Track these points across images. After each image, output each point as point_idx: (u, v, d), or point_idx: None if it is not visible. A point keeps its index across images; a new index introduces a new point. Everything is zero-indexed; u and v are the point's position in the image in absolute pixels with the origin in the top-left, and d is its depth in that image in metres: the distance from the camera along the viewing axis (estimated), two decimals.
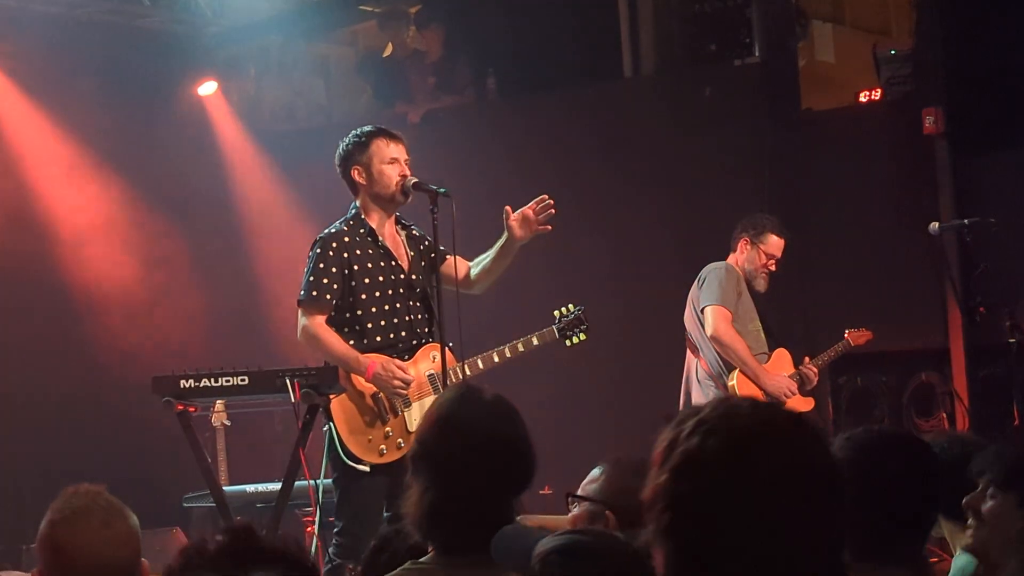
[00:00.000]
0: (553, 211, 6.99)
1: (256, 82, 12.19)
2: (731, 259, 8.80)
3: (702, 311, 8.59)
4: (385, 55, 12.21)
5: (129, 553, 3.63)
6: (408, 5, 12.19)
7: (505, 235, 6.98)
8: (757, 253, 8.75)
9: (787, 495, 2.12)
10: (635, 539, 3.75)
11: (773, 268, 8.80)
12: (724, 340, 8.48)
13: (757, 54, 10.57)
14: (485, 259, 7.06)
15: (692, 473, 2.14)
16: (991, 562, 4.12)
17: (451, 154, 10.22)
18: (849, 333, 9.17)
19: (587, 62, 11.25)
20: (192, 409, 6.50)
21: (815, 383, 8.85)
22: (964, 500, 4.24)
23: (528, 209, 6.97)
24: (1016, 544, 4.04)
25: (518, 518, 3.49)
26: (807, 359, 8.89)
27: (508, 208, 6.98)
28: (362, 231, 6.85)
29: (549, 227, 7.03)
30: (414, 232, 7.04)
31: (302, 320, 6.77)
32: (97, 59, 10.59)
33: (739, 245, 8.78)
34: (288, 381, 6.33)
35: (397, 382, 6.70)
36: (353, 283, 6.76)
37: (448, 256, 6.95)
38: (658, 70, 11.13)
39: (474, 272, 7.05)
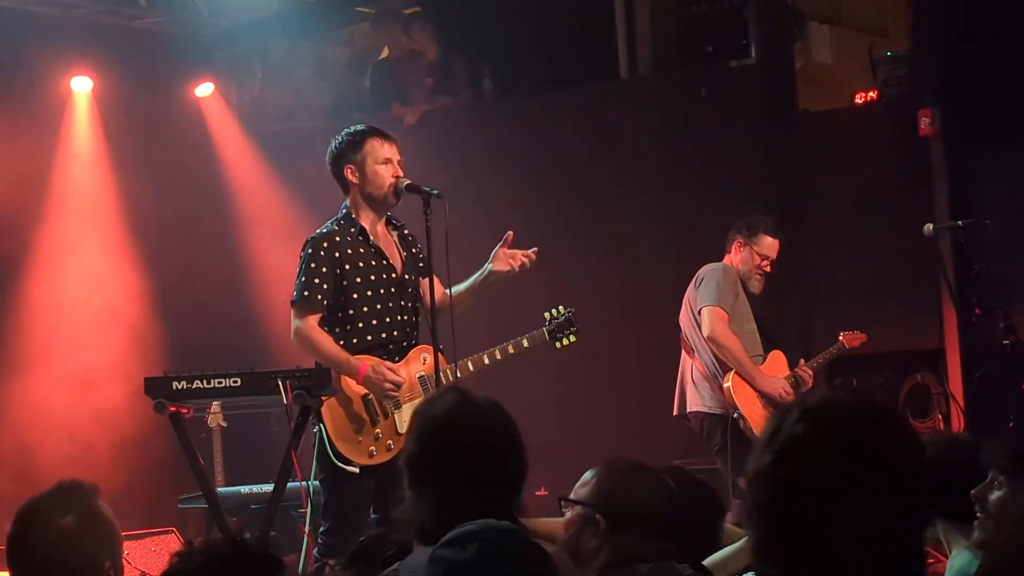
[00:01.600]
0: (528, 261, 7.00)
1: (253, 83, 12.18)
2: (727, 260, 8.79)
3: (699, 312, 8.59)
4: (382, 57, 12.22)
5: (68, 553, 3.58)
6: (403, 6, 12.19)
7: (486, 273, 7.00)
8: (751, 254, 8.75)
9: (881, 486, 2.28)
10: (624, 542, 3.79)
11: (767, 269, 8.79)
12: (721, 341, 8.47)
13: (753, 55, 10.58)
14: (463, 288, 7.03)
15: (794, 457, 2.31)
16: (998, 553, 4.13)
17: (448, 155, 10.23)
18: (844, 335, 9.17)
19: (584, 63, 11.25)
20: (185, 411, 6.49)
21: (811, 385, 8.85)
22: (972, 492, 4.28)
23: (520, 253, 7.00)
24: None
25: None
26: (802, 361, 8.89)
27: (510, 233, 7.00)
28: (353, 230, 6.84)
29: (527, 266, 7.03)
30: (406, 233, 7.03)
31: (295, 322, 6.77)
32: (94, 60, 10.59)
33: (733, 246, 8.78)
34: (280, 383, 6.33)
35: (388, 384, 6.70)
36: (344, 283, 6.75)
37: (433, 275, 6.94)
38: (654, 71, 11.14)
39: (453, 292, 6.96)
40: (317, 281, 6.74)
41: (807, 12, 11.31)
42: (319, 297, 6.73)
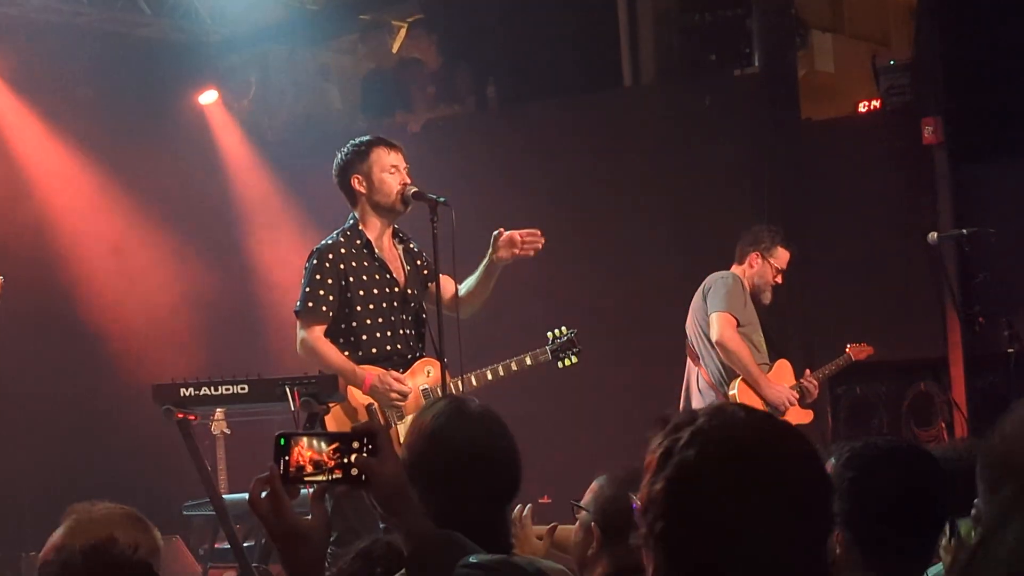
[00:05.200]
0: (540, 245, 6.96)
1: (256, 91, 12.19)
2: (737, 270, 8.79)
3: (708, 317, 8.59)
4: (383, 64, 12.24)
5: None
6: (405, 14, 12.21)
7: (488, 254, 6.98)
8: (768, 267, 8.75)
9: (780, 508, 2.16)
10: (623, 552, 3.79)
11: (780, 281, 8.81)
12: (729, 346, 8.47)
13: (757, 64, 10.60)
14: (471, 281, 7.05)
15: (688, 483, 2.18)
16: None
17: (451, 163, 10.23)
18: (851, 347, 9.15)
19: (587, 71, 11.27)
20: (192, 417, 6.48)
21: (815, 396, 8.86)
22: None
23: (516, 233, 6.97)
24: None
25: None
26: (808, 372, 8.89)
27: (501, 230, 6.98)
28: (358, 242, 6.85)
29: (531, 253, 7.00)
30: (412, 247, 7.04)
31: (300, 332, 6.78)
32: (97, 67, 10.61)
33: (749, 259, 8.76)
34: (288, 390, 6.32)
35: (395, 395, 6.70)
36: (349, 294, 6.76)
37: (440, 276, 6.94)
38: (658, 79, 11.16)
39: (462, 292, 7.01)
40: (322, 292, 6.75)
41: (810, 21, 11.34)
42: (323, 308, 6.74)
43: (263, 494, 2.68)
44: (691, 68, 10.95)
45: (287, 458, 2.70)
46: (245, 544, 7.35)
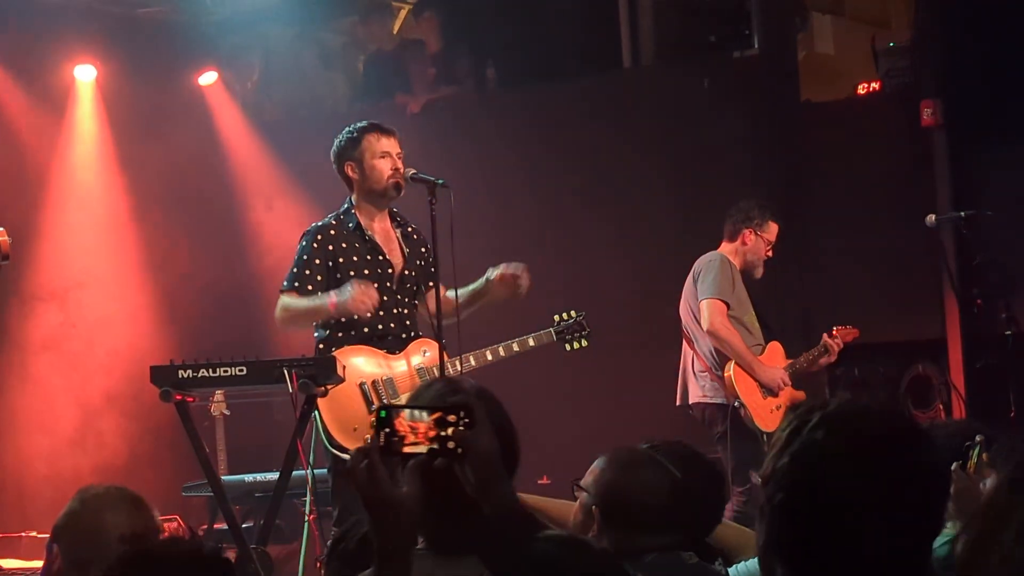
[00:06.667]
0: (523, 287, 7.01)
1: (256, 72, 12.18)
2: (725, 249, 8.80)
3: (699, 304, 8.61)
4: (382, 47, 12.23)
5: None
6: None
7: (483, 285, 7.03)
8: (761, 242, 8.79)
9: (895, 501, 2.30)
10: (624, 533, 3.79)
11: (771, 255, 8.85)
12: (720, 334, 8.50)
13: (756, 46, 10.58)
14: (462, 292, 7.09)
15: (812, 463, 2.32)
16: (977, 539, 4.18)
17: (451, 145, 10.24)
18: (837, 330, 9.03)
19: (586, 52, 11.26)
20: (190, 399, 6.52)
21: (835, 358, 8.90)
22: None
23: (506, 272, 7.03)
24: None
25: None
26: (787, 361, 8.86)
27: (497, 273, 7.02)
28: (350, 225, 6.94)
29: (521, 294, 7.06)
30: (411, 231, 7.09)
31: (278, 304, 6.86)
32: (97, 48, 10.60)
33: (743, 236, 8.77)
34: (286, 371, 6.35)
35: (359, 295, 6.69)
36: (339, 275, 6.83)
37: (437, 283, 7.00)
38: (657, 61, 11.14)
39: (450, 297, 7.05)
40: (308, 272, 6.86)
41: (810, 3, 11.31)
42: (309, 287, 6.86)
43: (362, 464, 2.78)
44: (691, 50, 10.91)
45: (388, 430, 2.78)
46: (243, 525, 7.37)
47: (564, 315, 7.35)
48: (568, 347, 7.36)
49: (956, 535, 2.57)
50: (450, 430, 2.77)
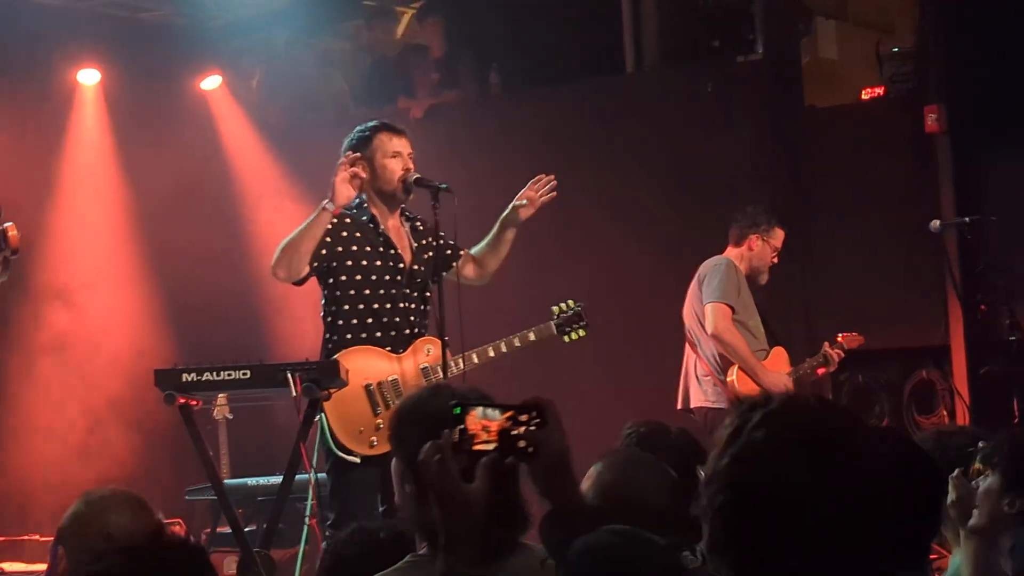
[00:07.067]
0: (554, 183, 7.06)
1: (259, 76, 12.18)
2: (731, 254, 8.80)
3: (704, 308, 8.61)
4: (387, 51, 12.23)
5: None
6: (405, 1, 12.21)
7: (507, 213, 7.03)
8: (768, 248, 8.78)
9: (841, 495, 2.24)
10: None
11: (776, 261, 8.85)
12: (725, 338, 8.49)
13: (760, 50, 10.58)
14: (482, 246, 7.10)
15: (752, 463, 2.27)
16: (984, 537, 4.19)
17: (454, 148, 10.23)
18: (842, 336, 9.07)
19: (589, 56, 11.27)
20: (194, 402, 6.52)
21: (835, 367, 8.93)
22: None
23: (529, 191, 7.04)
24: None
25: None
26: (790, 368, 8.87)
27: (522, 196, 7.04)
28: (364, 218, 6.91)
29: (554, 194, 7.07)
30: (418, 225, 7.06)
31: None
32: (100, 52, 10.60)
33: (749, 241, 8.77)
34: (289, 375, 6.34)
35: (340, 172, 6.72)
36: (349, 262, 6.80)
37: (461, 252, 7.00)
38: (660, 65, 11.14)
39: (477, 255, 7.08)
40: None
41: (814, 7, 11.31)
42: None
43: (435, 458, 2.80)
44: (694, 54, 10.92)
45: (461, 427, 2.81)
46: (246, 529, 7.36)
47: (563, 305, 7.32)
48: (567, 338, 7.33)
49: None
50: (521, 429, 2.80)
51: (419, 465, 2.81)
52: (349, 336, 6.78)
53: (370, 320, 6.81)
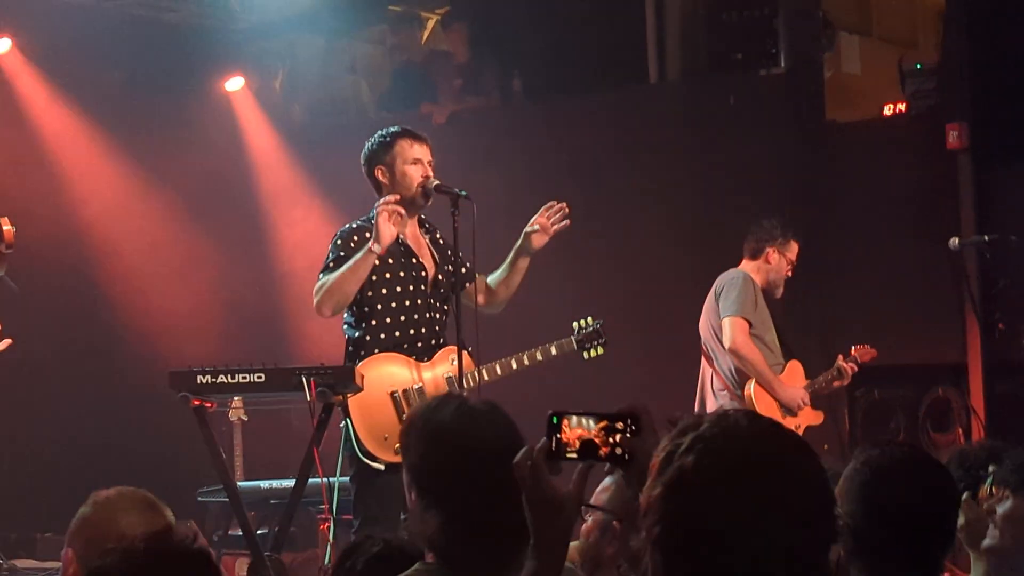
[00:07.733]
0: (567, 211, 7.02)
1: (283, 78, 12.21)
2: (747, 267, 8.79)
3: (720, 322, 8.59)
4: (412, 56, 12.25)
5: None
6: (430, 7, 12.23)
7: (520, 242, 7.01)
8: (784, 261, 8.78)
9: (776, 520, 2.13)
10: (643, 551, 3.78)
11: (791, 274, 8.84)
12: (742, 352, 8.48)
13: (783, 64, 10.57)
14: (498, 274, 7.09)
15: (685, 490, 2.16)
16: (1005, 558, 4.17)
17: (476, 155, 10.24)
18: (855, 349, 9.08)
19: (613, 67, 11.27)
20: (208, 405, 6.53)
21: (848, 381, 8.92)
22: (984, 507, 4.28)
23: (540, 219, 7.01)
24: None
25: None
26: (806, 381, 8.88)
27: (533, 223, 7.01)
28: None
29: (567, 223, 7.05)
30: (439, 238, 7.05)
31: (315, 288, 6.79)
32: (124, 53, 10.64)
33: (766, 255, 8.75)
34: (304, 379, 6.34)
35: (382, 210, 6.63)
36: (373, 276, 6.76)
37: (476, 275, 6.99)
38: (683, 77, 11.14)
39: (492, 284, 7.07)
40: (344, 255, 6.75)
41: (837, 22, 11.30)
42: None
43: (528, 463, 2.80)
44: (717, 66, 10.91)
45: (558, 436, 2.80)
46: (258, 532, 7.37)
47: (583, 321, 7.30)
48: (586, 355, 7.31)
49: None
50: (618, 436, 2.80)
51: (513, 469, 2.82)
52: (373, 343, 6.76)
53: (395, 328, 6.79)
